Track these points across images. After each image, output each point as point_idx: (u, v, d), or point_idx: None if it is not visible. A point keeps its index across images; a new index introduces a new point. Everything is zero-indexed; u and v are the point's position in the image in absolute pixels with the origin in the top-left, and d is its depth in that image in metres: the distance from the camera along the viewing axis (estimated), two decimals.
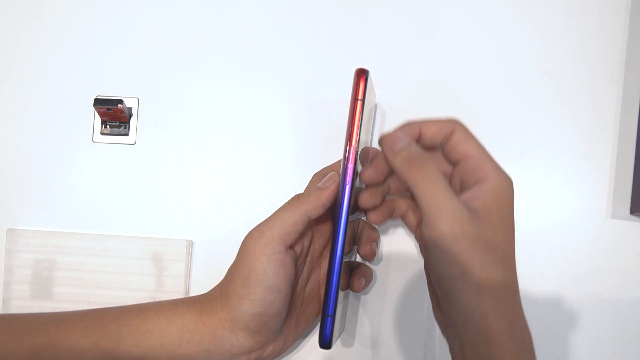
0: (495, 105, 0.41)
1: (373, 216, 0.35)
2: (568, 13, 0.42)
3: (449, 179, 0.33)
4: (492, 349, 0.27)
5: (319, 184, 0.33)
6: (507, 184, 0.30)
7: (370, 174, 0.33)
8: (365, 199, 0.34)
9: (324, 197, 0.33)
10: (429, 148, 0.33)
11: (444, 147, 0.32)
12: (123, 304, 0.36)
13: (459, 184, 0.32)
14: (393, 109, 0.41)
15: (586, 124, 0.41)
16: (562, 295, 0.40)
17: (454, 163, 0.32)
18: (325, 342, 0.32)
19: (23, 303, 0.40)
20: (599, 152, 0.40)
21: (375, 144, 0.41)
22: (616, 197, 0.40)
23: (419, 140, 0.32)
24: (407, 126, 0.32)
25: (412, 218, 0.36)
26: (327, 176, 0.34)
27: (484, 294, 0.28)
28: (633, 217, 0.40)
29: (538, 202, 0.40)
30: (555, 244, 0.40)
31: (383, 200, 0.35)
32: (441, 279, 0.29)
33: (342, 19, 0.42)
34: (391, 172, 0.33)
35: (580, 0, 0.42)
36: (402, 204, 0.36)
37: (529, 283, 0.40)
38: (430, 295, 0.34)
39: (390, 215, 0.36)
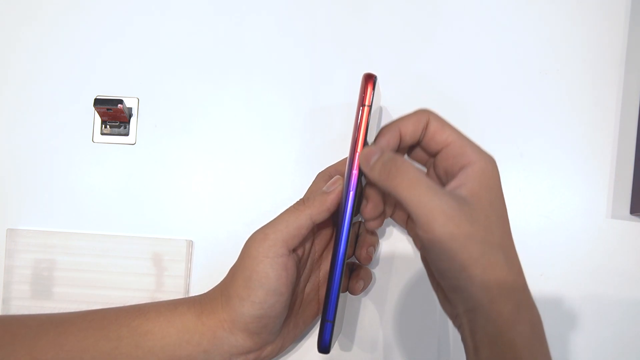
0: (496, 105, 0.41)
1: (373, 224, 0.35)
2: (568, 13, 0.42)
3: (433, 169, 0.33)
4: (503, 333, 0.27)
5: (324, 188, 0.33)
6: (491, 165, 0.30)
7: (370, 209, 0.33)
8: (369, 212, 0.34)
9: (329, 202, 0.32)
10: (413, 146, 0.33)
11: (421, 141, 0.32)
12: (123, 304, 0.36)
13: (443, 173, 0.32)
14: (394, 110, 0.41)
15: (586, 124, 0.41)
16: (562, 295, 0.40)
17: (435, 153, 0.32)
18: (324, 347, 0.32)
19: (23, 303, 0.40)
20: (599, 152, 0.40)
21: None
22: (616, 197, 0.40)
23: (401, 141, 0.32)
24: (384, 130, 0.32)
25: (401, 215, 0.36)
26: (332, 180, 0.34)
27: (490, 281, 0.27)
28: (633, 217, 0.40)
29: (538, 202, 0.40)
30: (555, 244, 0.40)
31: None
32: (444, 274, 0.29)
33: (343, 20, 0.42)
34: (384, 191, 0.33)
35: (580, 1, 0.42)
36: (390, 203, 0.36)
37: (529, 283, 0.40)
38: (434, 289, 0.34)
39: (384, 217, 0.36)
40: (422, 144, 0.32)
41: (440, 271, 0.29)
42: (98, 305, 0.39)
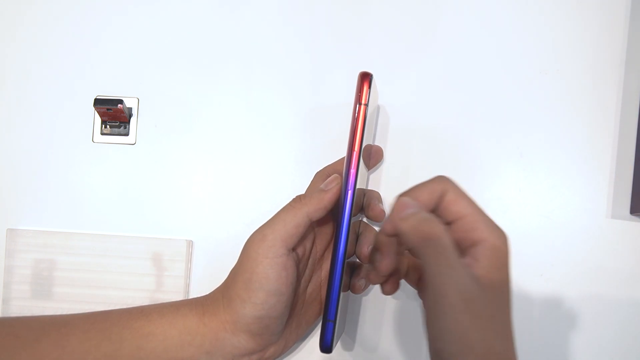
0: (496, 105, 0.41)
1: (387, 289, 0.34)
2: (568, 13, 0.42)
3: None
4: None
5: (322, 186, 0.33)
6: (502, 242, 0.29)
7: (386, 264, 0.32)
8: (385, 266, 0.32)
9: (326, 200, 0.32)
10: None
11: (438, 209, 0.31)
12: (123, 304, 0.36)
13: (455, 243, 0.31)
14: (394, 110, 0.41)
15: (586, 124, 0.41)
16: (562, 295, 0.40)
17: (448, 223, 0.31)
18: (326, 347, 0.32)
19: (23, 303, 0.40)
20: (599, 152, 0.40)
21: (376, 144, 0.41)
22: (616, 197, 0.40)
23: None
24: (400, 199, 0.31)
25: (413, 276, 0.34)
26: (330, 178, 0.34)
27: None
28: (633, 217, 0.40)
29: (538, 202, 0.40)
30: (555, 244, 0.40)
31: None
32: (440, 354, 0.28)
33: (343, 18, 0.42)
34: (400, 243, 0.32)
35: (580, 1, 0.42)
36: (403, 263, 0.35)
37: (529, 283, 0.40)
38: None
39: (400, 278, 0.35)
40: (437, 213, 0.31)
41: (436, 350, 0.28)
42: (98, 305, 0.39)
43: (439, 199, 0.30)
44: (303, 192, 0.36)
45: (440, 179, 0.31)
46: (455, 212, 0.30)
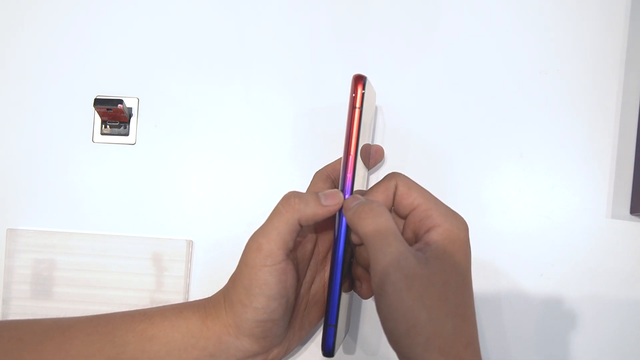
0: (496, 105, 0.41)
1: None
2: (568, 13, 0.42)
3: (402, 233, 0.32)
4: None
5: (321, 196, 0.32)
6: (457, 228, 0.29)
7: (366, 289, 0.34)
8: (365, 293, 0.35)
9: (320, 215, 0.31)
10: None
11: (394, 206, 0.31)
12: (123, 304, 0.36)
13: (412, 236, 0.31)
14: (394, 110, 0.41)
15: (586, 124, 0.41)
16: (562, 295, 0.40)
17: (404, 217, 0.31)
18: (328, 351, 0.32)
19: (23, 303, 0.40)
20: (599, 152, 0.40)
21: (376, 143, 0.41)
22: (616, 197, 0.40)
23: None
24: (347, 199, 0.32)
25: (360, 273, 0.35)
26: (332, 191, 0.32)
27: (432, 349, 0.26)
28: (633, 217, 0.40)
29: (538, 202, 0.40)
30: (555, 244, 0.40)
31: None
32: (390, 336, 0.28)
33: (342, 18, 0.42)
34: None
35: (580, 1, 0.42)
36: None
37: (529, 283, 0.40)
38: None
39: None
40: (395, 210, 0.31)
41: (387, 332, 0.28)
42: (98, 305, 0.39)
43: (392, 195, 0.31)
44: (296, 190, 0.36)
45: (391, 176, 0.31)
46: (408, 204, 0.30)
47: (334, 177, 0.36)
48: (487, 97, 0.41)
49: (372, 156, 0.39)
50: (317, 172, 0.37)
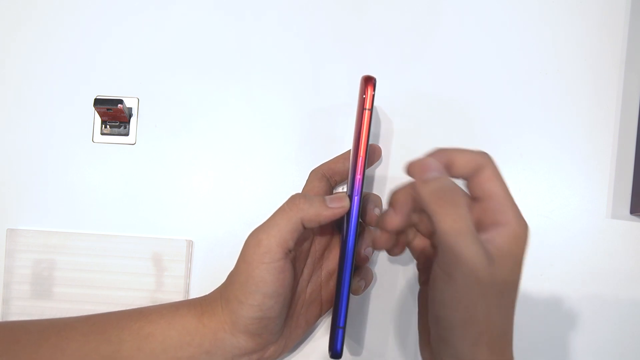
0: (496, 105, 0.41)
1: (395, 251, 0.33)
2: (568, 13, 0.42)
3: None
4: None
5: (327, 202, 0.32)
6: (524, 232, 0.29)
7: (397, 220, 0.31)
8: (392, 223, 0.31)
9: (323, 218, 0.31)
10: (454, 177, 0.31)
11: (469, 180, 0.30)
12: (123, 304, 0.36)
13: (475, 221, 0.30)
14: (393, 111, 0.41)
15: (586, 124, 0.41)
16: (562, 295, 0.40)
17: (474, 198, 0.30)
18: (336, 353, 0.32)
19: (23, 303, 0.40)
20: (599, 152, 0.40)
21: (372, 143, 0.41)
22: (616, 197, 0.40)
23: (447, 168, 0.30)
24: (438, 153, 0.30)
25: (419, 243, 0.34)
26: (337, 196, 0.32)
27: (482, 344, 0.27)
28: (633, 217, 0.40)
29: (538, 202, 0.40)
30: (555, 244, 0.40)
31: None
32: (440, 321, 0.28)
33: (343, 19, 0.42)
34: (415, 206, 0.31)
35: (580, 1, 0.42)
36: (411, 230, 0.34)
37: (529, 283, 0.40)
38: (419, 330, 0.33)
39: (405, 243, 0.34)
40: (469, 184, 0.30)
41: (438, 318, 0.28)
42: (98, 305, 0.39)
43: (473, 170, 0.30)
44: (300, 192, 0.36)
45: (483, 153, 0.30)
46: (487, 189, 0.29)
47: (329, 176, 0.36)
48: (487, 97, 0.41)
49: (369, 156, 0.39)
50: (312, 171, 0.37)
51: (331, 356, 0.32)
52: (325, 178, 0.36)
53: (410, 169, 0.29)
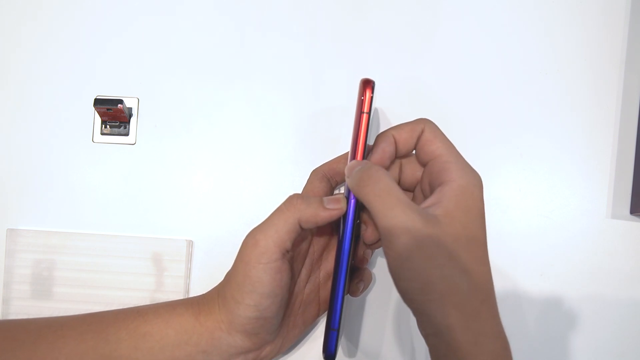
0: (496, 105, 0.41)
1: (376, 245, 0.34)
2: (568, 13, 0.42)
3: (420, 183, 0.32)
4: None
5: (325, 204, 0.32)
6: (472, 185, 0.28)
7: (370, 233, 0.32)
8: (369, 236, 0.33)
9: (321, 218, 0.31)
10: (407, 154, 0.32)
11: (416, 149, 0.31)
12: (123, 304, 0.36)
13: (427, 187, 0.31)
14: (393, 112, 0.41)
15: (586, 124, 0.41)
16: (562, 295, 0.40)
17: (424, 164, 0.31)
18: (330, 355, 0.32)
19: (23, 303, 0.40)
20: (599, 152, 0.40)
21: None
22: (616, 197, 0.40)
23: (396, 149, 0.31)
24: (379, 138, 0.31)
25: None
26: (335, 197, 0.33)
27: (447, 306, 0.27)
28: (633, 217, 0.40)
29: (538, 202, 0.40)
30: (555, 244, 0.40)
31: None
32: (404, 294, 0.28)
33: (342, 20, 0.42)
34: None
35: (580, 1, 0.42)
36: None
37: (529, 283, 0.40)
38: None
39: None
40: (416, 153, 0.31)
41: (401, 291, 0.28)
42: (98, 305, 0.39)
43: (416, 139, 0.30)
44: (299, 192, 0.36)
45: (421, 119, 0.31)
46: (430, 151, 0.30)
47: (330, 176, 0.37)
48: (487, 97, 0.41)
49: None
50: (313, 171, 0.37)
51: (325, 358, 0.32)
52: (326, 178, 0.36)
53: (346, 173, 0.31)
